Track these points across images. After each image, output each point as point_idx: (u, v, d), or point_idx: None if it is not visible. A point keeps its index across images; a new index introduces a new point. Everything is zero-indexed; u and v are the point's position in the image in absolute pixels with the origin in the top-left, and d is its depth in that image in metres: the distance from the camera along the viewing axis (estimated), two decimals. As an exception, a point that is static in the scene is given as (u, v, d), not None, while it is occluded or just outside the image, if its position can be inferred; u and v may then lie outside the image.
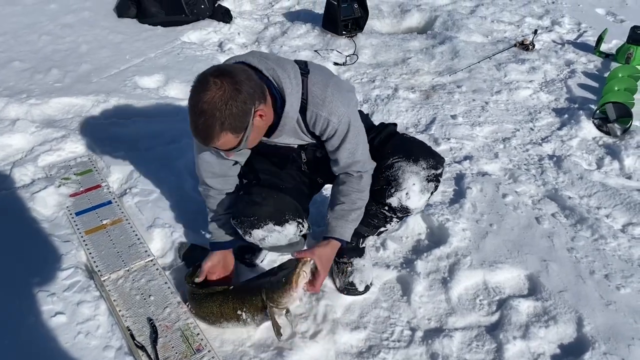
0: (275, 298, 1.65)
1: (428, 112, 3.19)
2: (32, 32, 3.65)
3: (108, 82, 3.18)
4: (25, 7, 4.00)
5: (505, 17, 4.46)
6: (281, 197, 1.77)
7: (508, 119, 3.17)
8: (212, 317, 1.78)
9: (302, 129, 1.69)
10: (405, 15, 4.41)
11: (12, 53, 3.39)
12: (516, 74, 3.63)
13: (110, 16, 3.99)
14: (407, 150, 1.80)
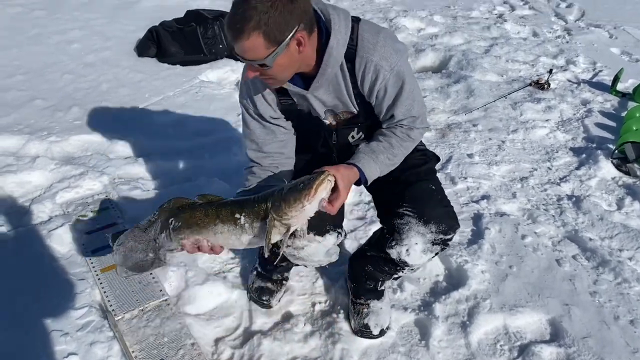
0: (283, 208, 1.42)
1: (444, 151, 3.18)
2: (55, 71, 3.73)
3: (127, 120, 3.22)
4: (49, 47, 4.11)
5: (520, 57, 4.49)
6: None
7: (525, 158, 3.15)
8: (206, 219, 1.51)
9: (346, 82, 1.58)
10: (420, 54, 4.45)
11: (34, 91, 3.46)
12: (532, 113, 3.62)
13: (130, 55, 4.08)
14: (421, 208, 1.69)
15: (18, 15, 4.67)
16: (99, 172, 2.73)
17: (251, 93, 1.65)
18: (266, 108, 1.66)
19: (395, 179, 1.75)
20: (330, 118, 1.70)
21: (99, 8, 4.99)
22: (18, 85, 3.52)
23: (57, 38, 4.26)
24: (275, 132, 1.70)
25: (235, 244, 1.53)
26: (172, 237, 1.55)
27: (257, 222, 1.47)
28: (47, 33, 4.34)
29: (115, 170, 2.78)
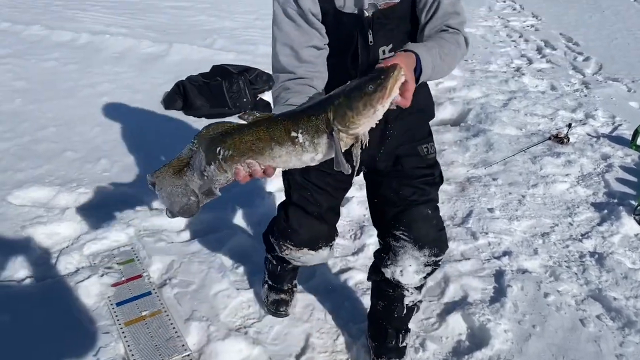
0: (350, 116, 1.27)
1: (464, 205, 3.20)
2: (85, 123, 3.88)
3: (153, 172, 3.31)
4: (80, 100, 4.28)
5: (539, 110, 4.54)
6: (315, 226, 1.86)
7: (546, 214, 3.15)
8: (260, 144, 1.34)
9: None
10: (439, 107, 4.53)
11: (65, 143, 3.59)
12: (552, 168, 3.64)
13: (158, 108, 4.22)
14: (417, 233, 1.76)
15: (52, 69, 4.89)
16: (125, 224, 2.80)
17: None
18: (302, 38, 1.60)
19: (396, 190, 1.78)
20: (369, 11, 1.60)
21: (128, 62, 5.20)
22: (50, 137, 3.66)
23: (88, 91, 4.44)
24: (311, 35, 1.61)
25: (296, 164, 1.38)
26: (225, 168, 1.39)
27: (318, 138, 1.31)
28: (78, 86, 4.53)
29: (141, 222, 2.84)
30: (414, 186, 1.79)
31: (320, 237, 1.87)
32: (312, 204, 1.83)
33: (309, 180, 1.82)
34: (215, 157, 1.37)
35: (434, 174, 1.86)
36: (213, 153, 1.38)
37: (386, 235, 1.82)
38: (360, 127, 1.29)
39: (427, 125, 1.91)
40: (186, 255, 2.61)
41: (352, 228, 2.99)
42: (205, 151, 1.39)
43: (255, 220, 2.97)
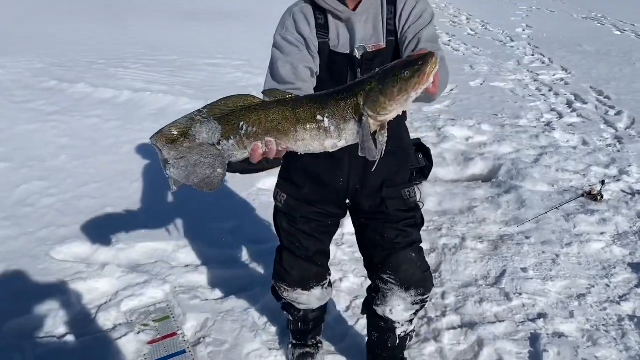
0: (382, 102, 1.25)
1: (497, 264, 3.18)
2: (125, 179, 4.03)
3: (189, 228, 3.41)
4: (121, 156, 4.46)
5: (570, 166, 4.52)
6: (305, 267, 2.04)
7: (581, 274, 3.10)
8: (285, 124, 1.32)
9: (383, 14, 1.77)
10: (469, 163, 4.56)
11: (105, 199, 3.73)
12: (586, 226, 3.60)
13: (193, 164, 4.36)
14: (403, 276, 1.94)
15: (95, 125, 5.13)
16: (161, 281, 2.87)
17: (296, 16, 1.78)
18: (306, 27, 1.76)
19: (381, 233, 1.95)
20: (359, 52, 1.77)
21: (166, 118, 5.38)
22: (91, 193, 3.81)
23: (128, 147, 4.62)
24: (308, 57, 1.74)
25: (318, 149, 1.36)
26: (245, 144, 1.35)
27: (345, 123, 1.30)
28: (119, 143, 4.73)
29: (177, 279, 2.92)
30: (398, 229, 1.95)
31: (311, 277, 2.06)
32: (301, 249, 2.02)
33: (296, 227, 2.01)
34: (237, 132, 1.33)
35: (415, 216, 2.02)
36: (234, 127, 1.33)
37: (375, 278, 2.02)
38: (391, 113, 1.29)
39: (408, 169, 2.10)
40: (220, 313, 2.66)
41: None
42: (223, 124, 1.34)
43: (288, 277, 3.01)
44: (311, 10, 1.79)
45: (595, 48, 9.95)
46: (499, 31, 11.87)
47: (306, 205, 1.99)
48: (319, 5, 1.77)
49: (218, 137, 1.34)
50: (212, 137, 1.34)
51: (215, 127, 1.34)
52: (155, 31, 10.61)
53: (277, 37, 1.80)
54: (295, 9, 1.82)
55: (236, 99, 1.35)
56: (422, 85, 1.25)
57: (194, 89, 6.50)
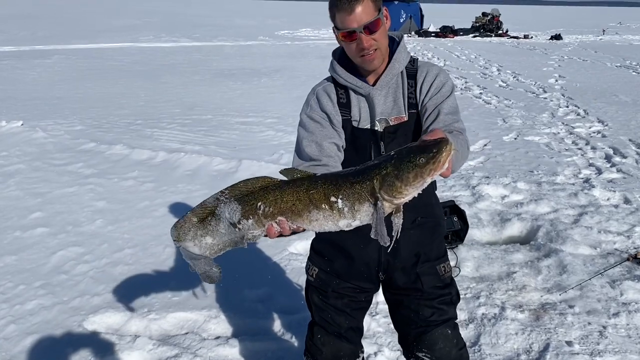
0: (398, 187, 1.27)
1: (540, 337, 3.02)
2: (158, 244, 4.06)
3: (219, 297, 3.37)
4: (155, 219, 4.51)
5: (613, 227, 4.35)
6: (337, 345, 1.99)
7: (632, 348, 2.92)
8: (299, 205, 1.37)
9: (404, 88, 1.84)
10: (506, 224, 4.44)
11: (139, 265, 3.75)
12: (634, 293, 3.42)
13: (226, 227, 4.37)
14: (438, 354, 1.91)
15: (130, 187, 5.23)
16: (192, 354, 2.82)
17: (319, 95, 1.87)
18: (329, 104, 1.85)
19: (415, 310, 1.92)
20: (381, 126, 1.85)
21: (200, 179, 5.49)
22: (125, 259, 3.83)
23: (162, 210, 4.68)
24: (332, 133, 1.82)
25: (331, 229, 1.40)
26: (264, 223, 1.41)
27: (359, 205, 1.32)
28: (153, 205, 4.79)
29: (207, 352, 2.86)
30: (432, 307, 1.93)
31: (343, 355, 2.00)
32: (332, 325, 1.99)
33: (327, 302, 1.99)
34: (255, 211, 1.40)
35: (451, 292, 1.99)
36: (252, 207, 1.41)
37: (410, 356, 1.98)
38: (406, 197, 1.32)
39: (442, 242, 2.06)
40: (251, 392, 2.58)
41: None
42: (241, 204, 1.41)
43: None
44: (333, 88, 1.88)
45: (632, 98, 9.80)
46: (531, 82, 11.85)
47: (337, 279, 1.98)
48: (340, 83, 1.86)
49: (238, 217, 1.42)
50: (232, 216, 1.43)
51: (236, 207, 1.42)
52: (191, 90, 10.96)
53: (302, 116, 1.88)
54: (318, 88, 1.90)
55: (254, 180, 1.43)
56: (437, 172, 1.28)
57: (227, 148, 6.62)
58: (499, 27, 27.62)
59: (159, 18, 35.68)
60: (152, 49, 19.12)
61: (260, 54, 17.69)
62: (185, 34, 24.55)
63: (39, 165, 5.90)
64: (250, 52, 18.24)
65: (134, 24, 30.32)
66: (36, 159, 6.09)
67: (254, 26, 30.71)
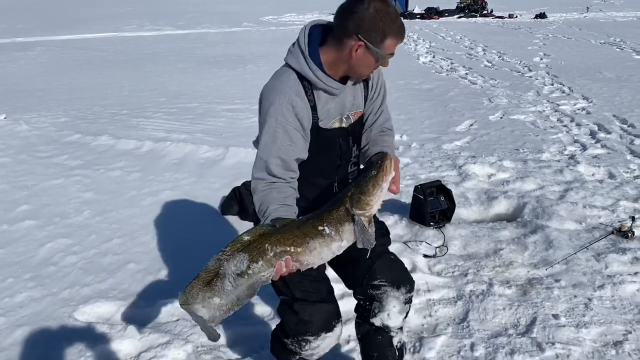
0: (364, 199, 1.65)
1: (527, 311, 3.07)
2: (146, 233, 4.05)
3: (210, 283, 3.38)
4: (142, 209, 4.50)
5: (598, 202, 4.41)
6: (324, 309, 2.03)
7: (617, 319, 2.97)
8: (297, 240, 1.65)
9: (361, 86, 2.06)
10: (492, 202, 4.48)
11: (128, 255, 3.75)
12: (618, 266, 3.47)
13: (215, 214, 4.37)
14: (393, 276, 2.15)
15: (117, 178, 5.20)
16: (183, 340, 2.83)
17: (295, 103, 1.86)
18: (305, 113, 1.89)
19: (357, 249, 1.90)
20: (347, 122, 2.04)
21: (187, 167, 5.47)
22: (114, 249, 3.83)
23: (150, 200, 4.67)
24: (300, 150, 1.92)
25: (327, 255, 1.71)
26: (273, 263, 1.63)
27: (341, 226, 1.67)
28: (141, 195, 4.77)
29: (199, 338, 2.87)
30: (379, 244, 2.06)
31: (332, 317, 2.06)
32: (314, 293, 2.04)
33: (302, 275, 1.93)
34: (263, 253, 1.61)
35: (382, 227, 2.28)
36: (260, 250, 1.62)
37: (366, 289, 2.14)
38: (374, 206, 1.69)
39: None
40: (243, 375, 2.60)
41: (410, 340, 2.90)
42: (248, 251, 1.62)
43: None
44: (302, 89, 1.89)
45: (616, 74, 9.86)
46: (516, 61, 11.87)
47: None
48: (314, 84, 1.89)
49: (247, 264, 1.61)
50: (240, 266, 1.62)
51: (243, 256, 1.62)
52: (175, 78, 10.87)
53: (272, 122, 1.85)
54: (290, 92, 1.87)
55: (253, 230, 1.66)
56: (387, 176, 1.70)
57: (214, 136, 6.59)
58: (483, 7, 27.53)
59: (142, 6, 35.17)
60: (136, 38, 18.89)
61: (245, 40, 17.55)
62: (168, 22, 24.24)
63: (24, 158, 5.85)
64: (234, 39, 18.08)
65: (117, 13, 29.89)
66: (21, 152, 6.03)
67: (239, 12, 30.37)
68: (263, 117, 1.90)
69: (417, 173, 5.18)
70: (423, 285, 3.37)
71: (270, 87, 1.91)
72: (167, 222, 4.25)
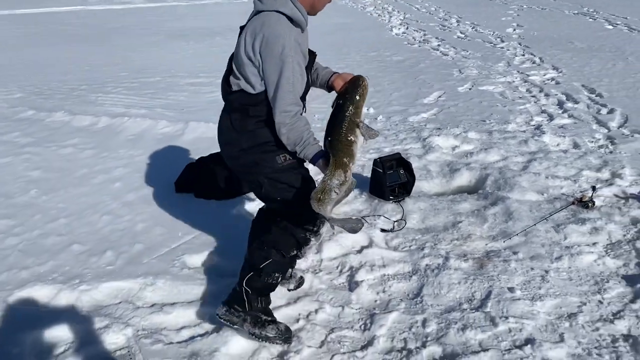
0: (359, 111, 2.30)
1: (483, 285, 2.99)
2: (95, 212, 3.87)
3: (157, 263, 3.24)
4: (93, 187, 4.31)
5: (561, 172, 4.33)
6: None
7: (572, 291, 2.91)
8: (348, 151, 2.26)
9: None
10: (455, 174, 4.38)
11: (73, 235, 3.58)
12: (577, 236, 3.41)
13: (169, 192, 4.20)
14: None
15: (69, 155, 4.99)
16: (123, 324, 2.70)
17: (300, 40, 2.25)
18: (305, 50, 2.32)
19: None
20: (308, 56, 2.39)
21: (144, 144, 5.27)
22: (59, 229, 3.65)
23: (102, 177, 4.48)
24: (304, 81, 2.29)
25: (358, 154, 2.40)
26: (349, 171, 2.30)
27: (357, 130, 2.29)
28: (92, 173, 4.58)
29: (140, 321, 2.74)
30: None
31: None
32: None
33: (309, 174, 2.53)
34: (347, 166, 2.28)
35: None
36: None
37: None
38: (362, 108, 2.35)
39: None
40: (183, 358, 2.48)
41: (361, 317, 2.81)
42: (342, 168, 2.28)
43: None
44: (299, 31, 2.29)
45: (587, 44, 9.79)
46: (490, 32, 11.73)
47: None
48: (299, 23, 2.28)
49: (343, 177, 2.27)
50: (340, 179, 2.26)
51: (339, 172, 2.26)
52: (142, 52, 10.52)
53: (290, 59, 2.18)
54: (292, 31, 2.22)
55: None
56: (367, 88, 2.37)
57: (174, 110, 6.36)
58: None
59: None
60: (104, 11, 18.29)
61: (215, 13, 17.10)
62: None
63: (-29, 136, 5.58)
64: (204, 12, 17.60)
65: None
66: (-31, 130, 5.76)
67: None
68: (278, 60, 2.17)
69: (382, 146, 5.05)
70: (379, 260, 3.28)
71: (275, 34, 2.16)
72: (117, 201, 4.07)
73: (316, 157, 2.25)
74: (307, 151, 2.25)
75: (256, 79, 2.25)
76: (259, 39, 2.17)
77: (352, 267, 3.24)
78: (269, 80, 2.19)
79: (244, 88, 2.30)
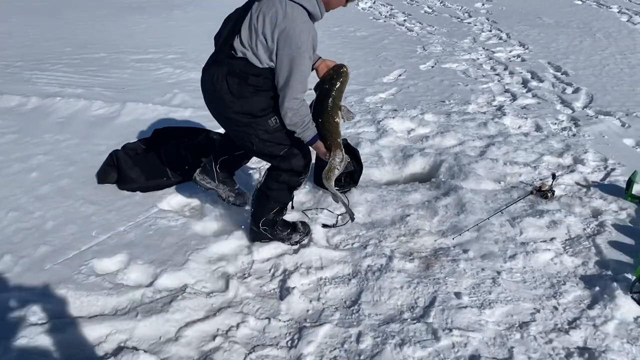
0: (341, 95, 2.66)
1: (427, 290, 2.68)
2: (2, 208, 3.43)
3: (61, 269, 2.83)
4: (6, 178, 3.85)
5: (520, 157, 4.03)
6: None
7: (525, 295, 2.62)
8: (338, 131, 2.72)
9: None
10: (408, 161, 4.04)
11: (-33, 236, 3.14)
12: (534, 231, 3.12)
13: (89, 183, 3.77)
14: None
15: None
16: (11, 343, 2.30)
17: (314, 37, 2.47)
18: (317, 40, 2.52)
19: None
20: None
21: (73, 127, 4.80)
22: (-47, 229, 3.21)
23: (18, 166, 4.01)
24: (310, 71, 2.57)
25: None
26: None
27: (340, 113, 2.66)
28: (9, 161, 4.10)
29: (30, 342, 2.35)
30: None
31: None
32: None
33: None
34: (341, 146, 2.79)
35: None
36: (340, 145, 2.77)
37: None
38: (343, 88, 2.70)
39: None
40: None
41: (289, 331, 2.47)
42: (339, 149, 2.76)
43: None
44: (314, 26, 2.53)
45: (555, 20, 9.50)
46: (457, 7, 11.34)
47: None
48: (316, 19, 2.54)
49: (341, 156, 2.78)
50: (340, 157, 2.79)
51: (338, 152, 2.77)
52: (90, 26, 9.84)
53: (305, 55, 2.44)
54: (313, 31, 2.47)
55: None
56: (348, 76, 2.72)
57: (114, 90, 5.86)
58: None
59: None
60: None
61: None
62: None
63: None
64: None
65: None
66: None
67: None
68: (295, 53, 2.41)
69: (333, 129, 4.67)
70: (316, 261, 2.94)
71: (297, 31, 2.39)
72: (29, 194, 3.62)
73: (314, 139, 2.63)
74: (306, 134, 2.59)
75: (264, 57, 2.47)
76: (279, 29, 2.39)
77: (285, 270, 2.89)
78: (282, 69, 2.44)
79: (250, 59, 2.49)
